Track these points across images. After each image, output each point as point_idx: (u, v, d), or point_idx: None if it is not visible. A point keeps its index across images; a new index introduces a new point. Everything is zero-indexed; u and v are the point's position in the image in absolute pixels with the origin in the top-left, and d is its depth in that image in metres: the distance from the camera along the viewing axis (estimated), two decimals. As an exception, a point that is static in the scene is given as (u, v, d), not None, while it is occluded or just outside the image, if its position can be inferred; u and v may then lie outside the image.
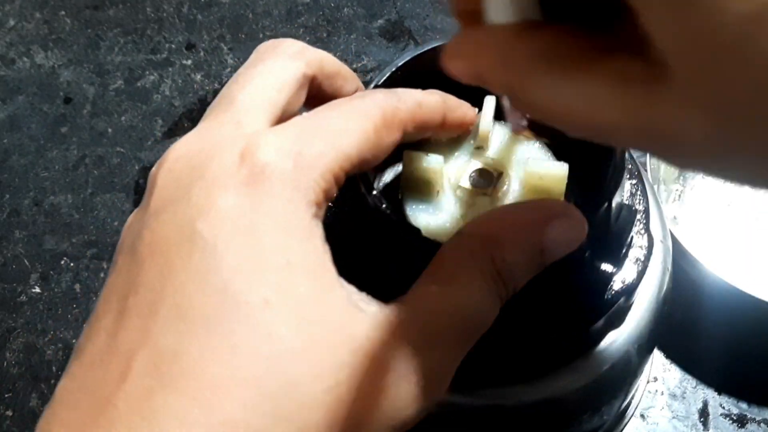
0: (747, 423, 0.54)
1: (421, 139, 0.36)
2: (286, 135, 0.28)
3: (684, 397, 0.55)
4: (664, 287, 0.42)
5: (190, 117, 0.70)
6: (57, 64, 0.74)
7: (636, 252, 0.39)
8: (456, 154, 0.39)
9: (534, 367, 0.38)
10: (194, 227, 0.25)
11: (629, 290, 0.38)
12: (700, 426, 0.54)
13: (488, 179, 0.38)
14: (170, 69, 0.73)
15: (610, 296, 0.37)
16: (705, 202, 0.60)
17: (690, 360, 0.56)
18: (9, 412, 0.56)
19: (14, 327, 0.60)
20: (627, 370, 0.42)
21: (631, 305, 0.40)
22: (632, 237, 0.39)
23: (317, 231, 0.27)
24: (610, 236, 0.37)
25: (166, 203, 0.27)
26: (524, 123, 0.34)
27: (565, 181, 0.37)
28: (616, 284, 0.38)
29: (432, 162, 0.37)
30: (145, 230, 0.26)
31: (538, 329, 0.36)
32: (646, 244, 0.39)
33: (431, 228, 0.37)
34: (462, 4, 0.26)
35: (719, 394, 0.55)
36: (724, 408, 0.55)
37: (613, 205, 0.36)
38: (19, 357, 0.58)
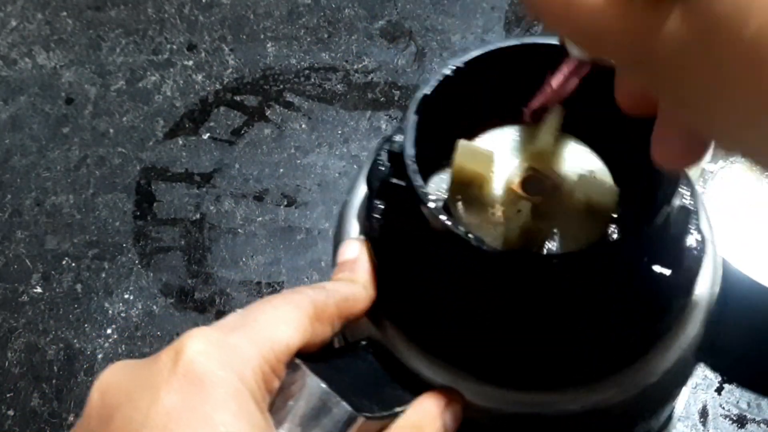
0: (747, 423, 0.54)
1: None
2: (219, 332, 0.30)
3: (684, 398, 0.55)
4: (717, 285, 0.41)
5: (192, 117, 0.70)
6: (59, 65, 0.74)
7: (690, 252, 0.39)
8: (512, 153, 0.40)
9: (592, 372, 0.37)
10: None
11: (686, 291, 0.38)
12: (700, 426, 0.54)
13: (538, 185, 0.38)
14: (171, 70, 0.73)
15: (668, 298, 0.37)
16: (720, 199, 0.60)
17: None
18: (11, 412, 0.56)
19: (16, 327, 0.60)
20: (684, 372, 0.42)
21: (686, 306, 0.39)
22: (686, 237, 0.39)
23: (257, 421, 0.29)
24: (667, 239, 0.37)
25: (112, 410, 0.28)
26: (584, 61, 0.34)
27: (617, 200, 0.37)
28: (674, 286, 0.37)
29: (481, 157, 0.37)
30: None
31: (597, 335, 0.36)
32: (700, 244, 0.39)
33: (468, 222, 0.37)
34: None
35: (719, 394, 0.55)
36: (723, 408, 0.55)
37: (672, 207, 0.36)
38: (20, 357, 0.59)
